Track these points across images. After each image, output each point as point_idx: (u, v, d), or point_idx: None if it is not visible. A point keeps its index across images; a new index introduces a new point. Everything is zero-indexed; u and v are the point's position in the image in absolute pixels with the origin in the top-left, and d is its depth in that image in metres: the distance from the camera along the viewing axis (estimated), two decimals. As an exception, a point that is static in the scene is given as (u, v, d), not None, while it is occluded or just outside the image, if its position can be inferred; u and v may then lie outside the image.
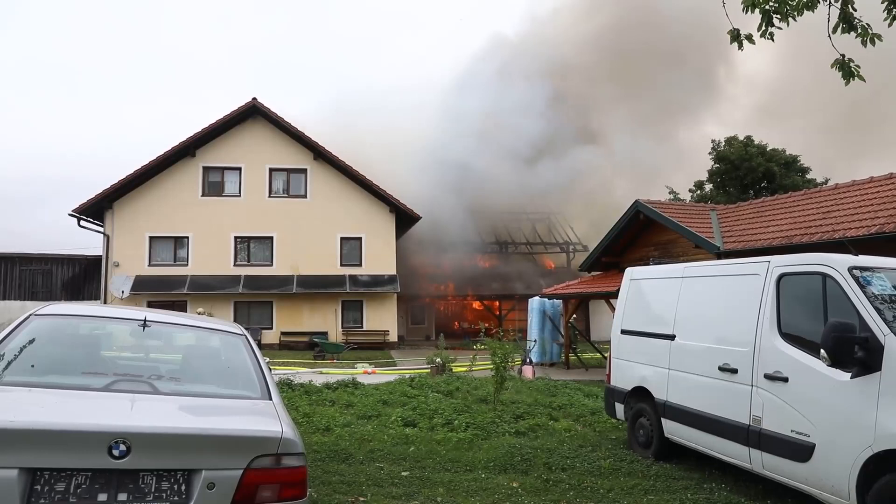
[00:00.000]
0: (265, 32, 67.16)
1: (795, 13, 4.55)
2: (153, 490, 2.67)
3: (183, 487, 2.71)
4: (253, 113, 26.67)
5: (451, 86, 36.80)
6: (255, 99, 26.22)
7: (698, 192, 35.39)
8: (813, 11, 4.59)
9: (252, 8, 67.07)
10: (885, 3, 4.45)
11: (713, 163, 34.39)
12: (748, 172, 32.14)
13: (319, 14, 61.97)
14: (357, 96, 34.34)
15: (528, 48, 37.52)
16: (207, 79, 67.06)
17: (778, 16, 4.62)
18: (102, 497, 2.59)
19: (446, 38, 57.47)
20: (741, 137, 33.17)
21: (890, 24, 4.45)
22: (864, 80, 4.68)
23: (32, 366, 3.30)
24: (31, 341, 3.47)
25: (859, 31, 4.49)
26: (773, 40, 4.68)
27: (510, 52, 37.45)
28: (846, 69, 4.65)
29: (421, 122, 33.07)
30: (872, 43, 4.50)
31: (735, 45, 4.83)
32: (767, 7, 4.59)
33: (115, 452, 2.60)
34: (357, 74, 52.30)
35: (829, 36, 4.56)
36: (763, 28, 4.65)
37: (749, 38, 4.82)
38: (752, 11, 4.62)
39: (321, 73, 58.75)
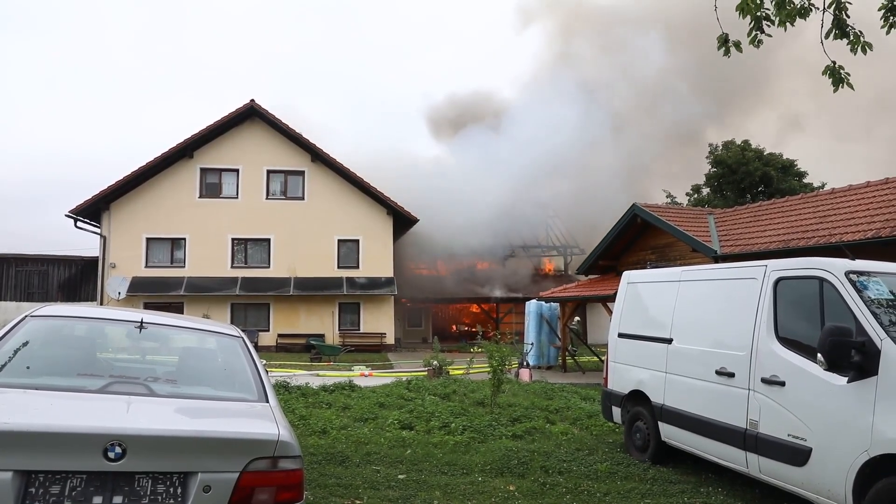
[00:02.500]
0: (264, 33, 67.19)
1: (789, 20, 4.56)
2: (149, 493, 2.65)
3: (179, 490, 2.70)
4: (251, 114, 26.65)
5: (447, 90, 36.81)
6: (252, 100, 26.20)
7: (696, 195, 35.49)
8: (805, 19, 4.61)
9: (251, 10, 67.12)
10: (883, 11, 4.46)
11: (710, 167, 34.50)
12: (745, 176, 32.27)
13: (331, 20, 62.02)
14: (355, 98, 34.35)
15: (530, 51, 37.56)
16: (214, 82, 67.06)
17: (769, 23, 4.64)
18: (97, 500, 2.57)
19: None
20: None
21: (888, 32, 4.46)
22: (853, 88, 4.70)
23: (28, 367, 3.28)
24: (27, 343, 3.45)
25: (851, 38, 4.50)
26: (756, 47, 4.71)
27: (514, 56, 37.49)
28: (836, 76, 4.67)
29: (418, 125, 33.11)
30: (864, 51, 4.51)
31: (745, 49, 4.84)
32: (759, 13, 4.61)
33: (111, 455, 2.59)
34: (357, 78, 52.40)
35: (821, 42, 4.57)
36: (752, 35, 4.66)
37: (737, 44, 4.83)
38: (744, 17, 4.64)
39: (332, 77, 58.79)
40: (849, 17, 4.50)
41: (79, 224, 25.37)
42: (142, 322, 3.83)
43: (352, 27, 62.23)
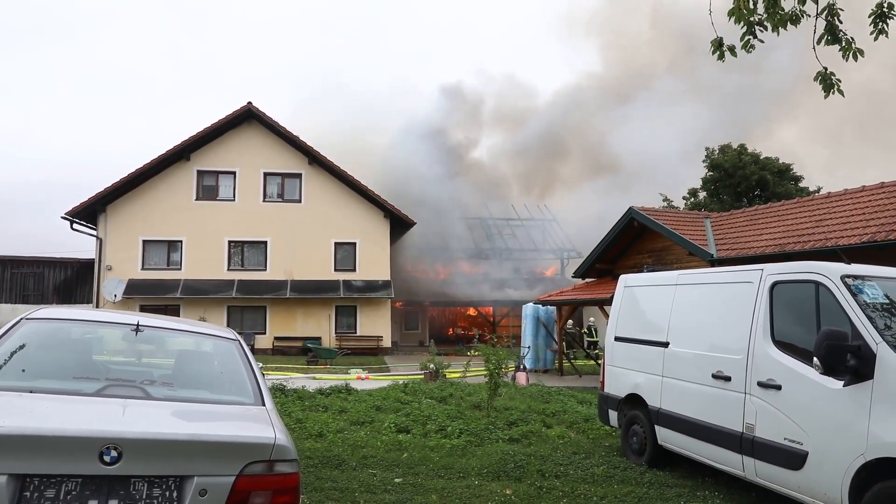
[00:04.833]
0: (256, 36, 67.16)
1: (780, 26, 4.58)
2: (144, 497, 2.64)
3: (174, 494, 2.69)
4: (248, 117, 26.64)
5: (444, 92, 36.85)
6: (250, 103, 26.19)
7: (692, 199, 35.53)
8: (796, 26, 4.63)
9: (251, 13, 67.11)
10: (872, 17, 4.48)
11: (707, 170, 34.55)
12: (742, 180, 32.31)
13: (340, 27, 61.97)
14: (345, 100, 34.32)
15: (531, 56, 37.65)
16: (229, 88, 67.02)
17: (761, 28, 4.66)
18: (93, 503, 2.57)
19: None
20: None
21: (876, 38, 4.48)
22: (843, 95, 4.72)
23: (23, 370, 3.26)
24: (23, 345, 3.44)
25: (843, 44, 4.52)
26: (748, 52, 4.73)
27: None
28: (827, 82, 4.69)
29: (417, 127, 33.12)
30: (855, 58, 4.53)
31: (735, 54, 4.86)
32: (752, 19, 4.63)
33: (107, 458, 2.57)
34: (346, 79, 52.36)
35: (813, 48, 4.60)
36: (745, 39, 4.69)
37: (731, 49, 4.86)
38: (738, 22, 4.66)
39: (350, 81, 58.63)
40: (841, 22, 4.52)
41: (75, 226, 25.31)
42: (138, 325, 3.81)
43: (376, 35, 62.05)
